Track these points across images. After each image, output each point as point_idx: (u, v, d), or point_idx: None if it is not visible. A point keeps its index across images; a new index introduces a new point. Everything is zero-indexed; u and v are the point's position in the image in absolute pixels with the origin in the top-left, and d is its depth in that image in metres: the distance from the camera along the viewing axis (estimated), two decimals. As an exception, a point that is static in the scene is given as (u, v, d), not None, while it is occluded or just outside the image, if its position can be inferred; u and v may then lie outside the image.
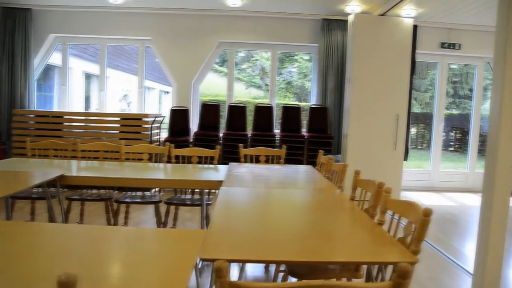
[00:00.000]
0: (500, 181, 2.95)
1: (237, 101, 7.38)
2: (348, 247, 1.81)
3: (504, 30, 2.96)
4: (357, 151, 6.43)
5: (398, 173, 6.61)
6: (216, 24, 7.08)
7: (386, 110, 6.47)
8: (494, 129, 2.96)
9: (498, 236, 3.06)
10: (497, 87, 2.95)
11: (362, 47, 6.35)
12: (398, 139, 6.53)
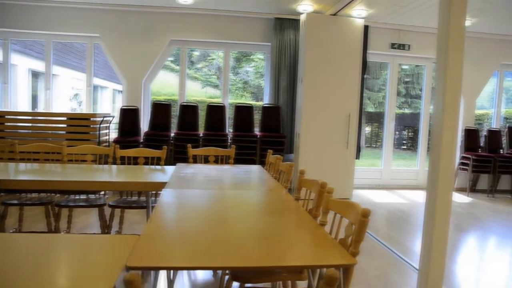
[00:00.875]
0: (443, 178, 2.99)
1: (194, 101, 7.24)
2: (290, 251, 1.75)
3: (445, 32, 3.00)
4: (309, 150, 6.45)
5: (350, 171, 6.68)
6: (168, 22, 6.92)
7: (338, 109, 6.52)
8: (437, 127, 3.00)
9: (442, 231, 3.10)
10: (440, 87, 2.99)
11: (314, 46, 6.37)
12: (350, 138, 6.59)
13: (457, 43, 2.97)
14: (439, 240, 3.11)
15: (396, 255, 4.24)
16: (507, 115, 9.29)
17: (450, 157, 2.98)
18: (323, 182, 2.27)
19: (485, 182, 7.94)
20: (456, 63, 2.95)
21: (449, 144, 2.94)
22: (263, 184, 3.30)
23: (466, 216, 6.12)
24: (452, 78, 2.92)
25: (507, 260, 4.39)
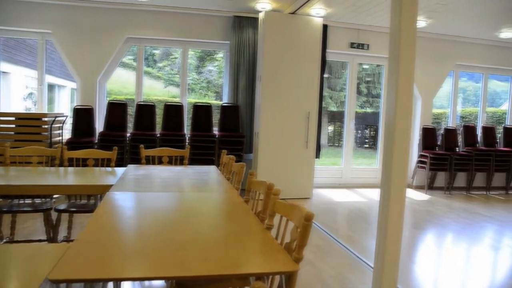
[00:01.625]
0: (396, 176, 2.97)
1: (156, 100, 7.06)
2: (234, 257, 1.66)
3: (397, 32, 2.98)
4: (268, 150, 6.39)
5: (310, 171, 6.66)
6: (123, 18, 6.70)
7: (297, 108, 6.48)
8: (390, 126, 2.97)
9: (396, 229, 3.09)
10: (392, 86, 2.97)
11: (273, 45, 6.31)
12: (309, 137, 6.57)
13: (408, 43, 2.95)
14: (393, 238, 3.10)
15: (354, 254, 4.22)
16: (463, 114, 9.52)
17: (403, 155, 2.96)
18: (269, 184, 2.18)
19: (443, 180, 8.08)
20: (408, 63, 2.94)
21: (401, 142, 2.92)
22: (214, 186, 3.20)
23: (424, 213, 6.20)
24: (404, 77, 2.90)
25: (462, 256, 4.44)
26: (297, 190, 6.60)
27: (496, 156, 8.03)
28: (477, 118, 9.02)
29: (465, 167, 7.87)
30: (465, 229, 5.45)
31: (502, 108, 9.52)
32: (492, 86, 9.59)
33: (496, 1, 5.85)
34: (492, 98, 9.50)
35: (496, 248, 4.75)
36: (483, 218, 6.03)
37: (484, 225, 5.70)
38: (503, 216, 6.25)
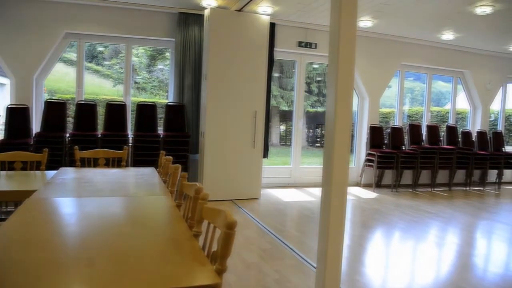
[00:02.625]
0: (337, 175, 2.90)
1: (104, 99, 6.74)
2: (150, 270, 1.49)
3: (336, 31, 2.91)
4: (215, 150, 6.24)
5: (257, 171, 6.55)
6: (61, 12, 6.34)
7: (244, 107, 6.36)
8: (330, 124, 2.90)
9: (337, 229, 3.03)
10: (332, 85, 2.89)
11: (219, 42, 6.16)
12: (257, 137, 6.47)
13: (348, 42, 2.88)
14: (335, 238, 3.03)
15: (300, 256, 4.14)
16: (410, 113, 9.72)
17: (344, 153, 2.89)
18: (197, 188, 2.03)
19: (390, 178, 8.20)
20: (347, 62, 2.87)
21: (342, 141, 2.85)
22: (148, 189, 3.02)
23: (372, 211, 6.23)
24: (343, 76, 2.83)
25: (408, 255, 4.46)
26: (245, 190, 6.48)
27: (440, 154, 8.23)
28: (423, 117, 9.23)
29: (411, 165, 8.02)
30: (411, 227, 5.50)
31: (446, 108, 9.79)
32: (437, 87, 9.86)
33: (435, 5, 5.96)
34: (438, 98, 9.77)
35: (440, 245, 4.81)
36: (428, 215, 6.13)
37: (429, 222, 5.79)
38: (446, 213, 6.37)
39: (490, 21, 6.66)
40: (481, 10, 6.03)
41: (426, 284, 3.66)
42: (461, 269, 4.04)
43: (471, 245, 4.91)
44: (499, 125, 10.08)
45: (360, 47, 7.97)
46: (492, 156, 8.87)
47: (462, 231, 5.58)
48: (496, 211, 6.80)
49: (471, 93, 9.49)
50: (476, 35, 7.78)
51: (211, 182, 6.23)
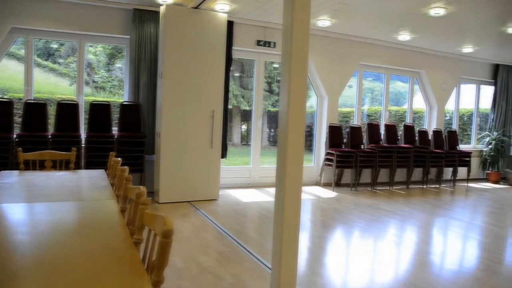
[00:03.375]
0: (291, 175, 2.83)
1: (60, 98, 6.44)
2: (81, 284, 1.36)
3: (289, 30, 2.83)
4: (171, 151, 6.07)
5: (215, 171, 6.43)
6: (6, 6, 6.01)
7: (201, 106, 6.23)
8: (283, 124, 2.82)
9: (292, 230, 2.96)
10: (285, 84, 2.81)
11: (174, 40, 6.00)
12: (214, 137, 6.34)
13: (301, 41, 2.81)
14: (289, 239, 2.96)
15: (257, 258, 4.05)
16: (370, 113, 9.82)
17: (298, 153, 2.83)
18: (139, 191, 1.91)
19: (349, 177, 8.24)
20: (300, 62, 2.79)
21: (296, 140, 2.78)
22: (94, 193, 2.86)
23: (331, 211, 6.22)
24: (296, 75, 2.76)
25: (367, 254, 4.44)
26: (203, 191, 6.35)
27: (397, 153, 8.34)
28: (381, 117, 9.34)
29: (370, 164, 8.09)
30: (369, 226, 5.52)
31: (404, 107, 9.95)
32: (396, 87, 10.01)
33: (391, 5, 6.01)
34: (397, 98, 9.91)
35: (398, 243, 4.83)
36: (386, 214, 6.18)
37: (387, 220, 5.83)
38: (404, 211, 6.44)
39: (443, 23, 6.78)
40: (435, 11, 6.12)
41: (385, 283, 3.65)
42: (418, 267, 4.05)
43: (428, 242, 4.96)
44: (453, 124, 10.33)
45: (319, 47, 7.98)
46: (447, 154, 9.07)
47: (419, 229, 5.64)
48: (451, 208, 6.94)
49: (427, 93, 9.68)
50: (431, 36, 7.92)
51: (168, 183, 6.06)
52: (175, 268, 3.66)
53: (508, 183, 10.02)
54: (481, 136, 10.73)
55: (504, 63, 10.33)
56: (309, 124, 8.59)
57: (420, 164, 8.77)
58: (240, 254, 4.17)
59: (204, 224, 5.16)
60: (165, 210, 5.74)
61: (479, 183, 10.01)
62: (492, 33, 7.37)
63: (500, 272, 3.99)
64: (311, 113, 8.63)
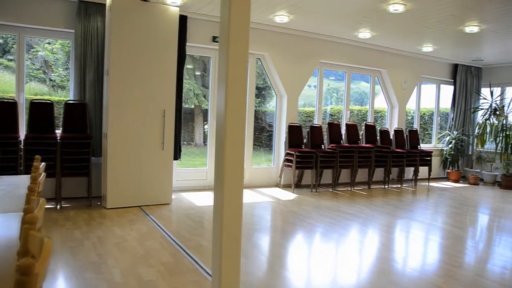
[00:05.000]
0: (229, 177, 2.57)
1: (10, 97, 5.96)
2: None
3: (227, 23, 2.56)
4: (119, 152, 5.68)
5: (168, 174, 6.09)
6: None
7: (151, 105, 5.87)
8: (220, 124, 2.54)
9: (232, 238, 2.70)
10: (222, 81, 2.54)
11: (122, 35, 5.62)
12: (166, 137, 5.99)
13: (240, 35, 2.56)
14: (230, 244, 2.70)
15: (203, 270, 3.74)
16: (333, 112, 9.67)
17: (237, 154, 2.57)
18: (26, 207, 1.57)
19: (310, 177, 8.03)
20: (239, 57, 2.53)
21: (234, 140, 2.52)
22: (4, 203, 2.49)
23: (290, 214, 5.99)
24: (234, 72, 2.48)
25: (326, 261, 4.21)
26: (155, 195, 6.00)
27: (359, 153, 8.19)
28: (342, 116, 9.19)
29: (330, 164, 7.90)
30: (328, 230, 5.30)
31: (367, 107, 9.84)
32: (361, 87, 9.91)
33: (350, 1, 5.84)
34: (362, 98, 9.80)
35: (358, 248, 4.63)
36: (347, 216, 5.99)
37: (347, 224, 5.63)
38: (365, 213, 6.27)
39: (403, 20, 6.66)
40: (394, 8, 5.98)
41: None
42: (377, 275, 3.84)
43: (388, 247, 4.78)
44: (415, 124, 10.31)
45: (278, 44, 7.75)
46: (408, 154, 9.00)
47: (380, 232, 5.47)
48: (412, 209, 6.82)
49: (388, 92, 9.60)
50: (391, 34, 7.81)
51: (116, 187, 5.68)
52: (112, 283, 3.32)
53: (467, 181, 10.06)
54: (441, 135, 10.76)
55: (463, 63, 10.39)
56: (269, 124, 8.35)
57: (381, 164, 8.66)
58: (186, 264, 3.85)
59: (151, 231, 4.82)
60: (112, 216, 5.36)
61: (440, 182, 10.02)
62: (450, 32, 7.31)
63: (459, 277, 3.83)
64: (271, 113, 8.41)
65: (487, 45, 8.36)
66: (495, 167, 10.03)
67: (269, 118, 8.87)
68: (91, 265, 3.67)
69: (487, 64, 10.56)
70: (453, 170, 10.23)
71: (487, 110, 9.94)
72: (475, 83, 10.67)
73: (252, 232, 5.06)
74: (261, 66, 8.00)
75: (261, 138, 8.77)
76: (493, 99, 9.89)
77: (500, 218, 6.61)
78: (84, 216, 5.29)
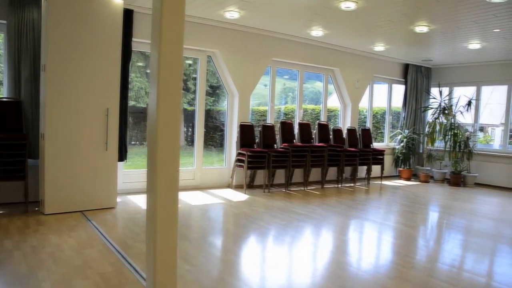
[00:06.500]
0: (163, 179, 2.36)
1: None
2: None
3: (159, 15, 2.33)
4: (58, 154, 5.30)
5: (112, 176, 5.75)
6: None
7: (93, 104, 5.51)
8: (152, 121, 2.31)
9: (167, 246, 2.50)
10: (154, 81, 2.32)
11: (60, 28, 5.23)
12: (109, 138, 5.66)
13: (174, 29, 2.34)
14: (165, 248, 2.49)
15: (143, 278, 3.48)
16: (287, 111, 9.55)
17: (172, 155, 2.39)
18: None
19: (262, 178, 7.88)
20: (173, 53, 2.33)
21: (168, 141, 2.31)
22: None
23: (241, 217, 5.81)
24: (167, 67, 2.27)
25: (276, 268, 4.04)
26: (98, 199, 5.65)
27: (311, 152, 8.11)
28: (295, 115, 9.10)
29: (283, 164, 7.78)
30: (280, 233, 5.14)
31: (321, 106, 9.79)
32: (316, 87, 9.84)
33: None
34: (317, 97, 9.73)
35: (309, 252, 4.49)
36: (299, 217, 5.86)
37: (299, 225, 5.49)
38: (317, 213, 6.18)
39: (355, 18, 6.61)
40: (346, 5, 5.90)
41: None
42: (328, 280, 3.70)
43: (341, 249, 4.68)
44: (367, 123, 10.37)
45: (229, 41, 7.55)
46: (361, 152, 9.02)
47: (333, 234, 5.38)
48: (365, 209, 6.79)
49: (341, 91, 9.60)
50: (344, 33, 7.77)
51: (55, 191, 5.31)
52: (40, 299, 3.01)
53: (418, 179, 10.23)
54: (393, 134, 10.89)
55: (413, 63, 10.55)
56: (223, 123, 8.14)
57: (334, 163, 8.62)
58: (125, 274, 3.58)
59: (91, 238, 4.50)
60: (50, 222, 4.99)
61: (392, 180, 10.13)
62: (402, 31, 7.33)
63: (410, 279, 3.76)
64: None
65: (436, 46, 8.48)
66: (444, 165, 10.25)
67: (224, 117, 8.67)
68: (18, 280, 3.33)
69: (436, 65, 10.77)
70: (405, 168, 10.37)
71: (436, 109, 10.13)
72: (425, 83, 10.87)
73: (200, 237, 4.84)
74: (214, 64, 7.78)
75: (215, 137, 8.54)
76: (442, 98, 10.09)
77: (449, 216, 6.68)
78: (18, 223, 4.89)
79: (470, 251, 4.85)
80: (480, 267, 4.32)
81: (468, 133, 10.11)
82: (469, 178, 9.74)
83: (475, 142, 10.11)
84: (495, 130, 12.15)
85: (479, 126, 10.62)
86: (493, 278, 3.95)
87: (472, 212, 6.91)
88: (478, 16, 6.14)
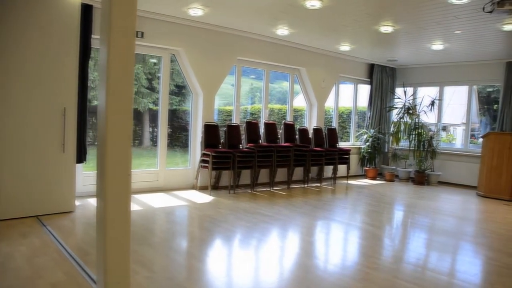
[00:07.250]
0: (113, 186, 2.20)
1: None
2: None
3: (108, 7, 2.18)
4: (9, 157, 5.01)
5: (70, 179, 5.49)
6: None
7: (48, 103, 5.24)
8: (102, 121, 2.15)
9: (120, 248, 2.34)
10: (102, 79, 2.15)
11: (10, 21, 4.94)
12: (67, 139, 5.40)
13: (125, 22, 2.18)
14: (116, 255, 2.34)
15: None
16: (253, 111, 9.44)
17: (123, 157, 2.22)
18: None
19: (228, 178, 7.74)
20: (124, 49, 2.19)
21: (119, 143, 2.14)
22: None
23: (204, 219, 5.65)
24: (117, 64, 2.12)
25: (238, 274, 3.91)
26: (54, 203, 5.39)
27: (277, 152, 8.02)
28: (274, 116, 9.00)
29: (249, 164, 7.66)
30: (245, 236, 5.03)
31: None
32: (283, 87, 9.77)
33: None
34: (284, 97, 9.65)
35: (273, 256, 4.39)
36: (264, 219, 5.75)
37: (264, 227, 5.39)
38: (283, 214, 6.09)
39: (320, 17, 6.55)
40: (311, 4, 5.83)
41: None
42: (296, 281, 3.60)
43: (307, 251, 4.60)
44: (333, 122, 10.38)
45: (193, 39, 7.37)
46: (327, 152, 9.00)
47: (299, 235, 5.31)
48: (331, 209, 6.75)
49: (307, 91, 9.56)
50: (309, 32, 7.71)
51: (7, 196, 5.02)
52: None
53: (384, 178, 10.31)
54: (359, 133, 10.94)
55: (378, 63, 10.63)
56: (187, 123, 7.95)
57: (300, 163, 8.56)
58: (80, 283, 3.38)
59: (45, 245, 4.26)
60: (1, 229, 4.71)
61: (358, 179, 10.17)
62: (367, 31, 7.33)
63: (376, 280, 3.70)
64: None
65: (400, 46, 8.55)
66: (409, 164, 10.38)
67: (189, 117, 8.48)
68: (-41, 293, 3.09)
69: (401, 65, 10.89)
70: (371, 168, 10.43)
71: (401, 109, 10.23)
72: (390, 83, 10.97)
73: (162, 241, 4.67)
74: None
75: (181, 138, 8.34)
76: (406, 98, 10.21)
77: (413, 214, 6.72)
78: (-34, 231, 4.60)
79: (434, 249, 4.87)
80: (443, 265, 4.33)
81: (431, 132, 10.27)
82: (433, 177, 9.89)
83: (438, 142, 10.28)
84: (457, 129, 12.43)
85: (441, 126, 10.80)
86: (455, 276, 3.97)
87: (436, 210, 6.99)
88: (440, 17, 6.19)
